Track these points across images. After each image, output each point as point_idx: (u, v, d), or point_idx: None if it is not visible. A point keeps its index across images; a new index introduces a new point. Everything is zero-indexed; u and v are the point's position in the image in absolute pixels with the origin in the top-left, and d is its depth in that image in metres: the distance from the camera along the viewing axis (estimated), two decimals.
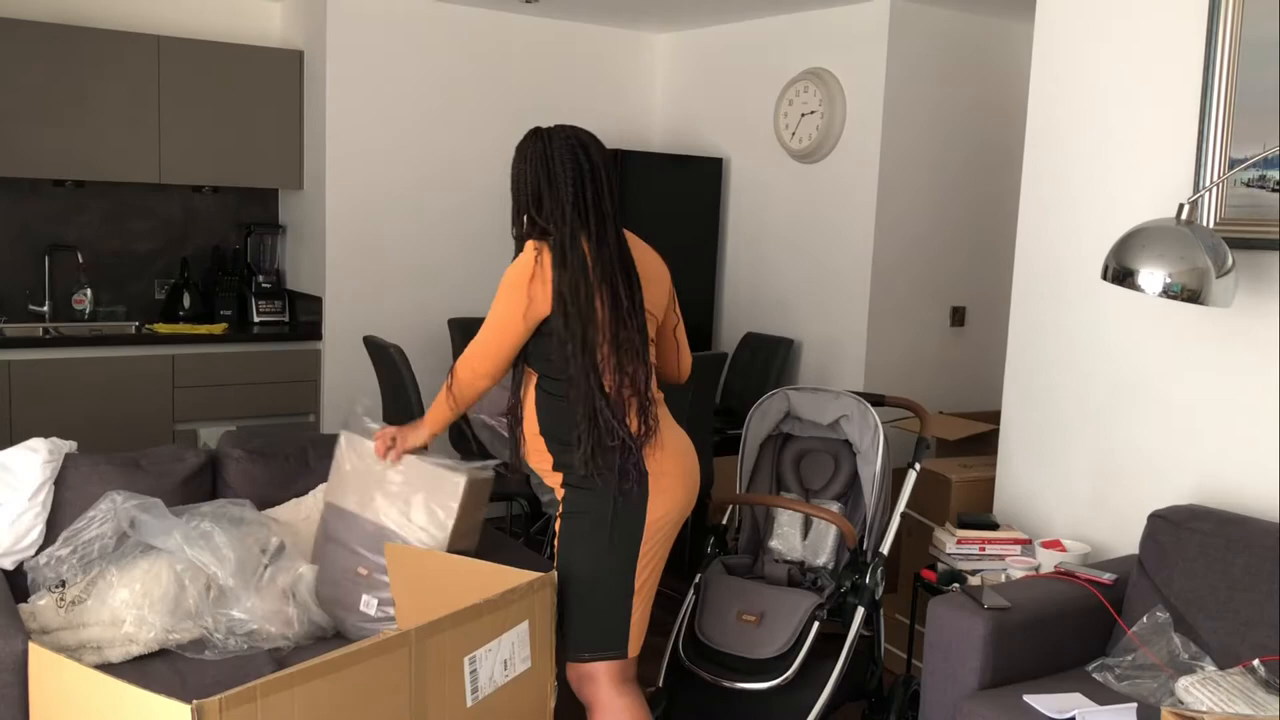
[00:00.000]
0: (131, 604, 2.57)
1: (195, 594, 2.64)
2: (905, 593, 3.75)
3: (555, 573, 2.37)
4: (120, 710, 1.77)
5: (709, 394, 4.26)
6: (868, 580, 2.97)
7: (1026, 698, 2.52)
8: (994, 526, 3.31)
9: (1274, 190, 2.81)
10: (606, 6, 5.32)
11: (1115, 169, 3.22)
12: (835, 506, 3.19)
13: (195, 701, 1.59)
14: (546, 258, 2.43)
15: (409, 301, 5.42)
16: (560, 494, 2.53)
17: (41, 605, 2.58)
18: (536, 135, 2.50)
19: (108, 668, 2.47)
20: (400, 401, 4.41)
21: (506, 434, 2.62)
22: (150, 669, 2.53)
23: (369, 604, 2.68)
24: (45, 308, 5.01)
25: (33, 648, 2.15)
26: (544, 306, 2.43)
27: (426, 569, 2.40)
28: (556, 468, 2.53)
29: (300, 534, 2.91)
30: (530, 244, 2.48)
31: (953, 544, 3.23)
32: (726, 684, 2.80)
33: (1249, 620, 2.59)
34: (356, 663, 1.84)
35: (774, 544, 3.24)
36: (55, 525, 2.79)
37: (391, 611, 2.63)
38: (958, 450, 4.16)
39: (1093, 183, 3.29)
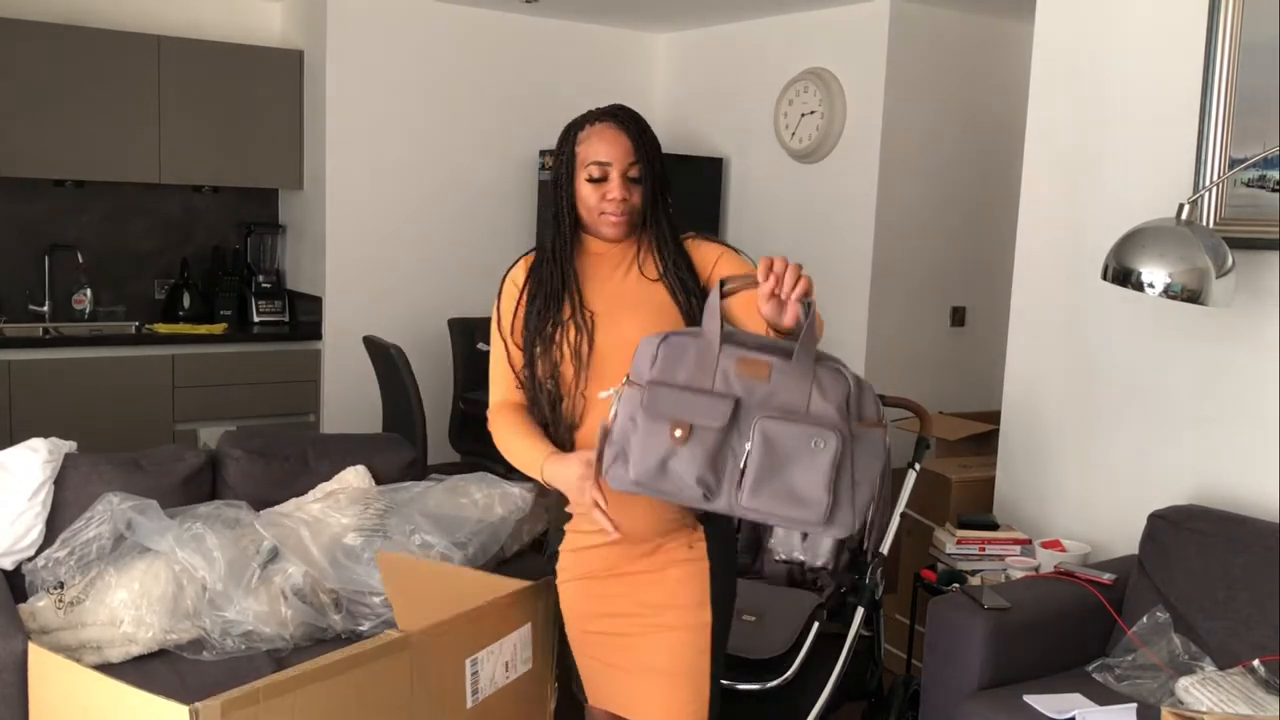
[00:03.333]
0: (130, 604, 2.57)
1: (193, 595, 2.64)
2: (905, 593, 3.74)
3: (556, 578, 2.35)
4: (120, 711, 1.77)
5: None
6: (867, 580, 2.96)
7: (1026, 698, 2.52)
8: (994, 526, 3.31)
9: (1274, 190, 2.81)
10: (606, 6, 5.32)
11: (1115, 169, 3.22)
12: None
13: (196, 704, 1.59)
14: None
15: (409, 301, 5.43)
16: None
17: (41, 606, 2.58)
18: None
19: (107, 668, 2.46)
20: (400, 402, 4.41)
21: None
22: (150, 669, 2.53)
23: None
24: (45, 308, 5.01)
25: (32, 648, 2.14)
26: None
27: (422, 578, 2.38)
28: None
29: (300, 534, 2.90)
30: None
31: (953, 544, 3.23)
32: (726, 684, 2.80)
33: (1249, 620, 2.59)
34: (358, 665, 1.84)
35: (773, 544, 3.24)
36: (55, 525, 2.79)
37: None
38: (958, 450, 4.16)
39: (1093, 182, 3.28)
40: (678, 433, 1.71)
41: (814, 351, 1.73)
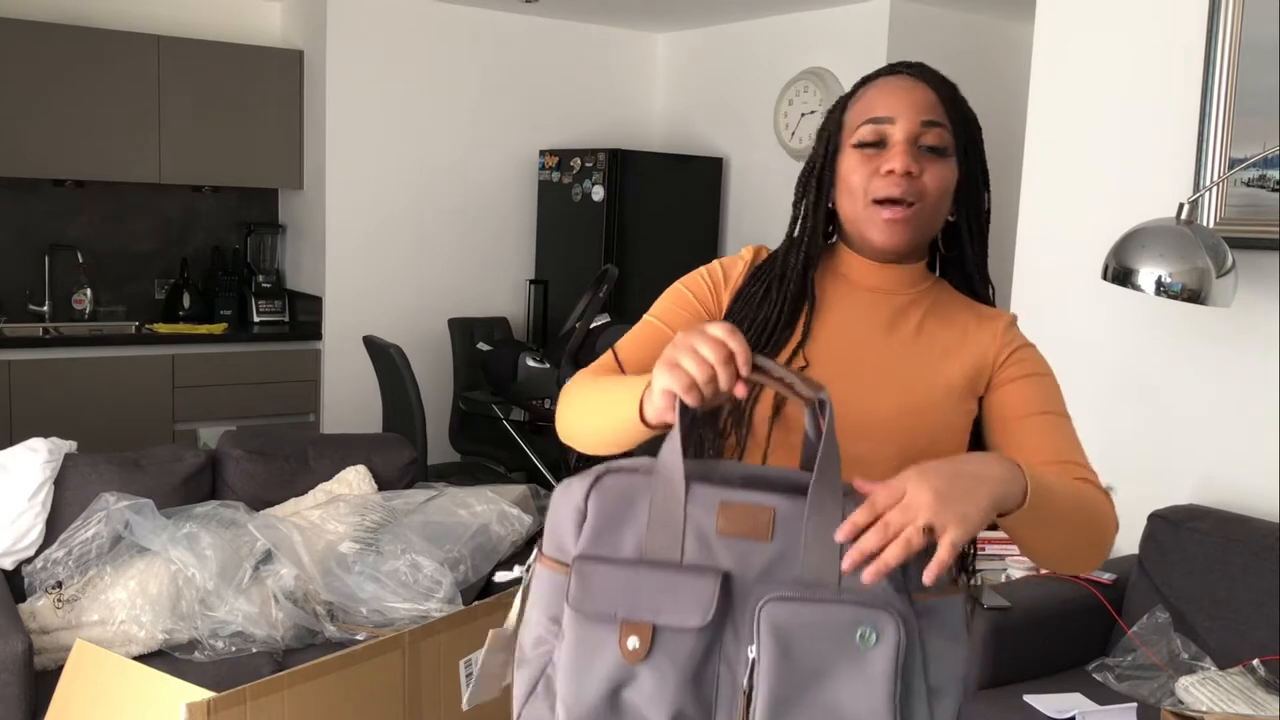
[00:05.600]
0: (126, 603, 2.57)
1: (190, 596, 2.64)
2: None
3: None
4: (150, 698, 1.78)
5: None
6: None
7: (1026, 698, 2.52)
8: (994, 526, 3.30)
9: (1274, 190, 2.80)
10: (606, 6, 5.32)
11: (1115, 169, 3.21)
12: None
13: (184, 702, 1.59)
14: None
15: (409, 301, 5.42)
16: None
17: (40, 605, 2.58)
18: None
19: None
20: (400, 402, 4.41)
21: None
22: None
23: None
24: (45, 308, 5.01)
25: (79, 642, 2.17)
26: None
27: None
28: None
29: (293, 540, 2.89)
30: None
31: None
32: None
33: (1249, 620, 2.59)
34: (349, 665, 1.84)
35: None
36: (55, 525, 2.79)
37: None
38: None
39: (1093, 183, 3.28)
40: (632, 643, 1.03)
41: (839, 481, 1.06)
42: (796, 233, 1.39)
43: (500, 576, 1.19)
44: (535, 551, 1.10)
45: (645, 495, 1.07)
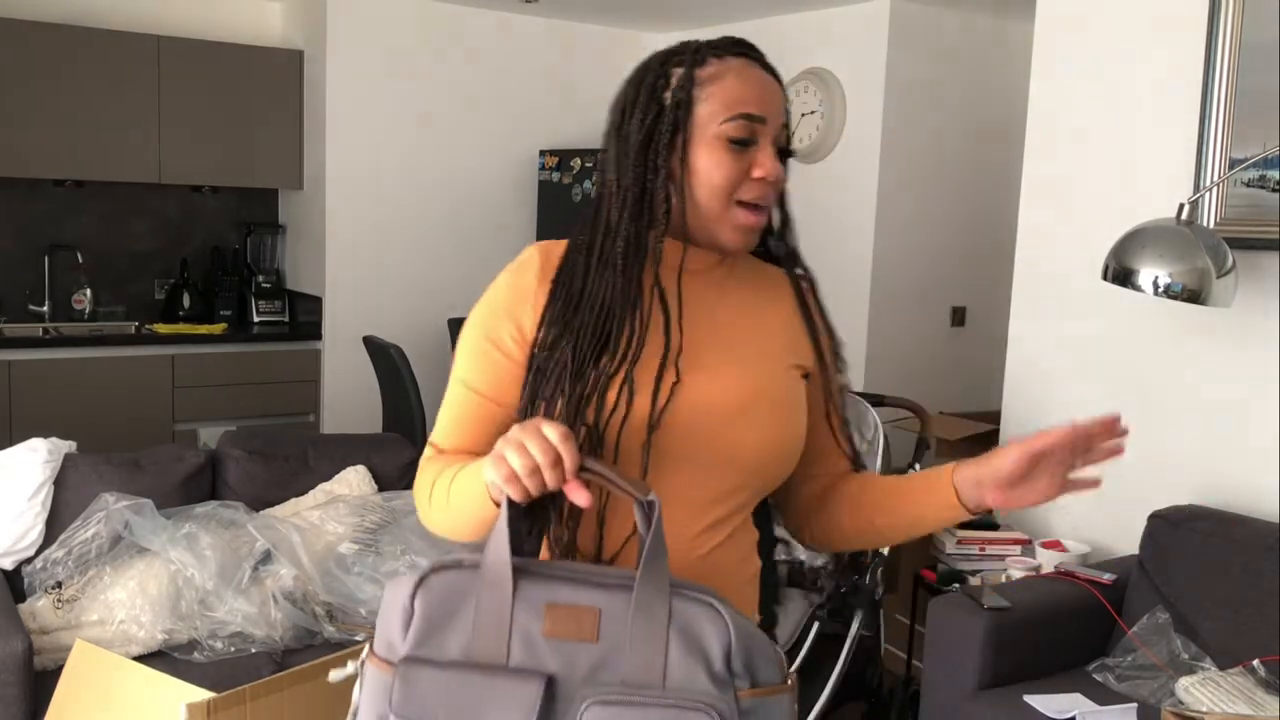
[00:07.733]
0: (126, 603, 2.57)
1: (190, 596, 2.64)
2: (905, 593, 3.74)
3: None
4: (149, 698, 1.78)
5: None
6: (867, 581, 2.96)
7: (1026, 698, 2.52)
8: (994, 526, 3.30)
9: (1274, 190, 2.80)
10: (606, 6, 5.32)
11: (1115, 169, 3.21)
12: None
13: (184, 702, 1.59)
14: None
15: (409, 301, 5.42)
16: None
17: (40, 605, 2.58)
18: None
19: None
20: (400, 402, 4.41)
21: None
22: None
23: None
24: (45, 308, 5.01)
25: (79, 643, 2.18)
26: None
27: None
28: None
29: (292, 540, 2.89)
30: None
31: (953, 544, 3.22)
32: None
33: (1249, 620, 2.59)
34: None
35: None
36: (55, 525, 2.79)
37: None
38: (958, 450, 4.15)
39: (1093, 182, 3.28)
40: None
41: (665, 580, 1.06)
42: (635, 222, 1.25)
43: (334, 676, 1.19)
44: (366, 648, 1.10)
45: (474, 593, 1.06)
